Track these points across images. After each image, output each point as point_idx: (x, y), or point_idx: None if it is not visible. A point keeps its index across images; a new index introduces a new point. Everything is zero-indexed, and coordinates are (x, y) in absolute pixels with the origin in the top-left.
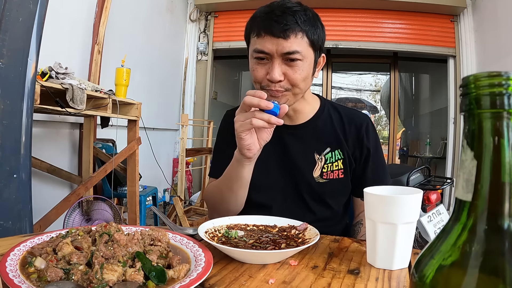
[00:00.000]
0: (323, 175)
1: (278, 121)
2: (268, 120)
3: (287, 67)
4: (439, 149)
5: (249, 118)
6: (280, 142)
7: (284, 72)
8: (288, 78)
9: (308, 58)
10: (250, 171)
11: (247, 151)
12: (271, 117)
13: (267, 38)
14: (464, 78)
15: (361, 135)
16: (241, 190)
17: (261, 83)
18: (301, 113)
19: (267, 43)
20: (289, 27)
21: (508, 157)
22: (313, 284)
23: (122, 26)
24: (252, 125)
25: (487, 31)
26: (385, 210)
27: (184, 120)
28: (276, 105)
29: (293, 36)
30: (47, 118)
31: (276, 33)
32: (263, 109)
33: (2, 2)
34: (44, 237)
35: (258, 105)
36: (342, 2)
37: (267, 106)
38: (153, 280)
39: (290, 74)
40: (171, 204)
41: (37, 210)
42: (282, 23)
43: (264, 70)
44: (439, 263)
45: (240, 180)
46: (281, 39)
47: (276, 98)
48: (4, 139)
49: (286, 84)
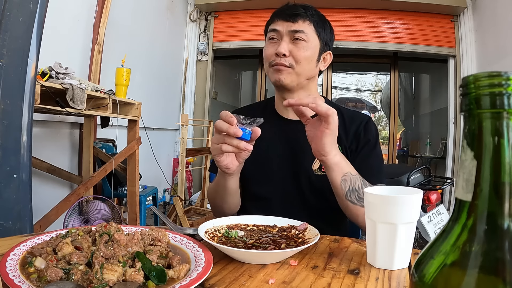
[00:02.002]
0: (321, 168)
1: (247, 146)
2: (236, 146)
3: (293, 46)
4: (439, 149)
5: (220, 143)
6: (281, 135)
7: (290, 49)
8: (293, 54)
9: (312, 43)
10: (235, 181)
11: (225, 169)
12: (240, 143)
13: (279, 22)
14: (464, 78)
15: (360, 130)
16: (229, 198)
17: (269, 59)
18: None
19: (278, 25)
20: (298, 14)
21: (508, 157)
22: (313, 284)
23: (122, 26)
24: (222, 151)
25: (487, 31)
26: (385, 210)
27: (184, 120)
28: (246, 133)
29: (301, 21)
30: (47, 118)
31: (286, 17)
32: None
33: (2, 2)
34: (44, 237)
35: (227, 131)
36: (342, 2)
37: (235, 133)
38: (153, 280)
39: (295, 51)
40: (171, 204)
41: (37, 210)
42: (293, 10)
43: (273, 48)
44: (439, 263)
45: (226, 190)
46: (290, 22)
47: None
48: (4, 139)
49: (290, 59)
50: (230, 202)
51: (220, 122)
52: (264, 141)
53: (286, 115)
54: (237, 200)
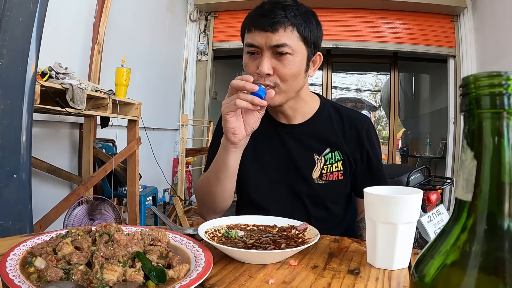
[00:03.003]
0: (322, 176)
1: (262, 102)
2: (251, 101)
3: (277, 61)
4: (439, 149)
5: (233, 100)
6: (279, 142)
7: (273, 66)
8: (277, 72)
9: (299, 54)
10: (236, 160)
11: (232, 135)
12: (254, 98)
13: (257, 32)
14: (464, 78)
15: (362, 138)
16: (227, 180)
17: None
18: (299, 112)
19: (257, 37)
20: (277, 20)
21: (508, 157)
22: (313, 284)
23: (122, 26)
24: (236, 106)
25: (487, 31)
26: (385, 210)
27: (184, 120)
28: (262, 88)
29: (282, 30)
30: (47, 118)
31: (264, 26)
32: (248, 91)
33: (2, 2)
34: (44, 237)
35: (244, 87)
36: (342, 2)
37: (251, 88)
38: (153, 280)
39: (279, 68)
40: (171, 204)
41: (37, 210)
42: (270, 16)
43: (255, 64)
44: (439, 263)
45: (226, 168)
46: (269, 32)
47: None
48: (4, 139)
49: (275, 78)
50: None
51: (237, 81)
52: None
53: (280, 119)
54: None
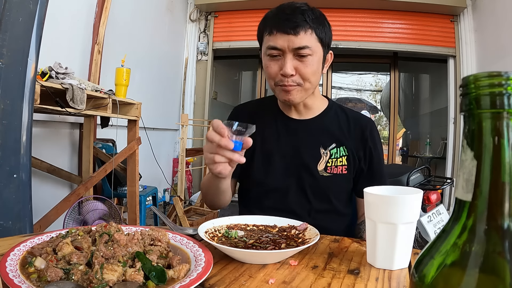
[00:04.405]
0: (327, 169)
1: (240, 159)
2: (230, 158)
3: (298, 62)
4: (439, 149)
5: (213, 154)
6: (287, 135)
7: (295, 67)
8: (300, 72)
9: (317, 53)
10: (226, 182)
11: (218, 174)
12: (233, 155)
13: (279, 35)
14: (464, 78)
15: (366, 136)
16: (221, 196)
17: (275, 79)
18: (310, 108)
19: (279, 40)
20: (299, 24)
21: (508, 157)
22: (313, 284)
23: (122, 26)
24: (215, 161)
25: (487, 31)
26: (385, 210)
27: (184, 120)
28: (238, 142)
29: (303, 33)
30: (47, 118)
31: (287, 30)
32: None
33: (2, 2)
34: (44, 237)
35: (219, 144)
36: (342, 2)
37: (226, 146)
38: (153, 280)
39: (301, 68)
40: (171, 204)
41: (37, 210)
42: (292, 20)
43: (277, 66)
44: (439, 263)
45: (218, 189)
46: (291, 35)
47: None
48: (4, 139)
49: (297, 78)
50: (223, 199)
51: (212, 133)
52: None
53: (291, 114)
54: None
